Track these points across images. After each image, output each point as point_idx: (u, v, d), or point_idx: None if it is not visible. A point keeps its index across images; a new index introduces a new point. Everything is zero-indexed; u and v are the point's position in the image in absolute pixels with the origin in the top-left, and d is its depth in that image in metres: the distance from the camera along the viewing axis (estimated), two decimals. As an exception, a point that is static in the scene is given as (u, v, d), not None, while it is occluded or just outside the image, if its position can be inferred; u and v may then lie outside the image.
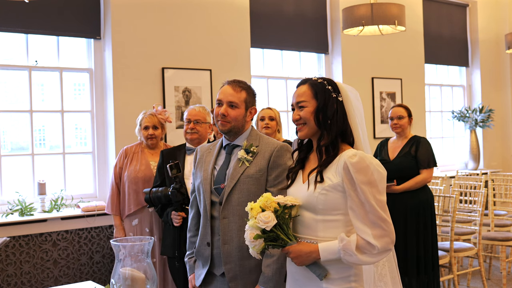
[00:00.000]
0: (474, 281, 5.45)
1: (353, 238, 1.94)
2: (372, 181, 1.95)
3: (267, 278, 2.33)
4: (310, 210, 2.05)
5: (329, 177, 2.02)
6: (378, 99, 6.71)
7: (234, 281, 2.40)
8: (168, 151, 3.68)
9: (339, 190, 2.00)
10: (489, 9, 8.12)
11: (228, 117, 2.43)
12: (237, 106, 2.44)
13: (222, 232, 2.40)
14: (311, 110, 2.08)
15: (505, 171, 7.84)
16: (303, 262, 2.01)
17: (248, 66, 5.59)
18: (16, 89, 4.87)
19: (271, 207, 2.01)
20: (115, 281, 1.95)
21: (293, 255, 2.01)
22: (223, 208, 2.40)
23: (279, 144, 2.46)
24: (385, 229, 1.93)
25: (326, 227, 2.03)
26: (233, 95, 2.45)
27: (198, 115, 3.54)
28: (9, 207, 4.40)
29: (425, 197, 4.26)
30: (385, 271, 2.15)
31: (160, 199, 3.46)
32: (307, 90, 2.11)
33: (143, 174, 3.93)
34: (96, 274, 4.54)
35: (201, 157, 2.58)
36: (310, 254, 1.99)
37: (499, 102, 8.22)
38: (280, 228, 2.01)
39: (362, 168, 1.95)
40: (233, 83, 2.49)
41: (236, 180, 2.40)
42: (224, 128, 2.45)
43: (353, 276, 2.02)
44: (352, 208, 1.96)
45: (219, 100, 2.47)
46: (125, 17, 4.85)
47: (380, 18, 4.52)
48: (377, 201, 1.94)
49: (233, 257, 2.39)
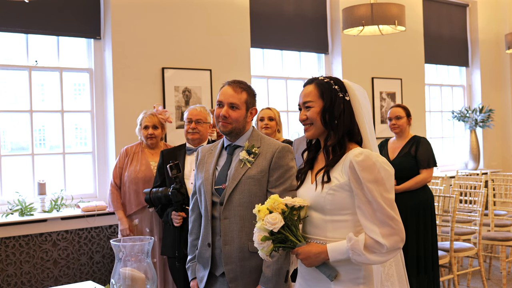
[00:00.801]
0: (474, 281, 5.46)
1: (361, 237, 1.92)
2: (378, 179, 1.93)
3: (267, 279, 2.34)
4: (318, 210, 2.04)
5: (336, 176, 2.00)
6: (378, 99, 6.71)
7: (234, 281, 2.40)
8: (168, 151, 3.68)
9: (346, 189, 1.98)
10: (489, 9, 8.12)
11: (229, 119, 2.43)
12: (238, 107, 2.44)
13: (223, 233, 2.40)
14: (318, 110, 2.06)
15: (505, 171, 7.84)
16: (312, 263, 2.00)
17: (248, 66, 5.59)
18: (16, 89, 4.87)
19: (279, 208, 1.99)
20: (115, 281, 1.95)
21: (302, 256, 2.00)
22: (224, 208, 2.40)
23: (280, 145, 2.45)
24: (394, 228, 1.91)
25: (335, 227, 2.01)
26: (234, 96, 2.44)
27: (199, 115, 3.54)
28: (9, 207, 4.40)
29: (425, 197, 4.26)
30: (392, 271, 2.13)
31: (160, 199, 3.46)
32: (314, 90, 2.09)
33: (143, 174, 3.94)
34: (96, 274, 4.54)
35: (202, 157, 2.57)
36: (319, 255, 1.97)
37: (499, 102, 8.23)
38: (288, 230, 1.99)
39: (368, 166, 1.93)
40: (234, 84, 2.48)
41: (238, 181, 2.39)
42: (225, 129, 2.45)
43: (362, 278, 2.00)
44: (360, 207, 1.95)
45: (219, 101, 2.46)
46: (125, 17, 4.85)
47: (380, 18, 4.52)
48: (385, 199, 1.92)
49: (233, 258, 2.39)
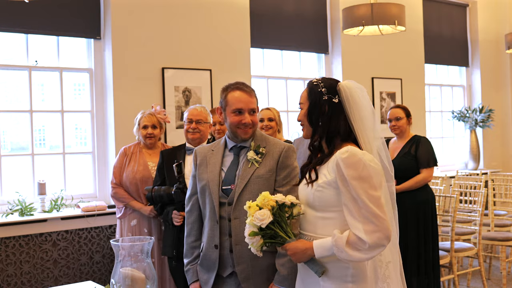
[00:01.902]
0: (474, 281, 5.45)
1: (345, 234, 1.95)
2: (363, 176, 1.95)
3: (282, 277, 2.35)
4: (310, 207, 2.10)
5: (324, 174, 2.06)
6: (378, 99, 6.71)
7: (246, 281, 2.40)
8: (169, 152, 3.68)
9: (334, 187, 2.02)
10: (489, 9, 8.12)
11: (251, 124, 2.47)
12: (256, 111, 2.50)
13: (234, 233, 2.41)
14: (304, 112, 2.15)
15: (505, 171, 7.84)
16: (300, 259, 2.05)
17: (248, 66, 5.59)
18: (16, 89, 4.87)
19: (268, 205, 2.04)
20: (115, 281, 1.95)
21: (290, 252, 2.05)
22: (234, 208, 2.41)
23: (286, 145, 2.50)
24: (377, 225, 1.92)
25: (324, 224, 2.06)
26: (253, 102, 2.48)
27: (200, 115, 3.55)
28: (9, 207, 4.40)
29: (426, 197, 4.26)
30: (388, 272, 2.14)
31: (162, 198, 3.45)
32: (305, 92, 2.18)
33: (141, 175, 3.91)
34: (96, 274, 4.54)
35: (203, 158, 2.56)
36: (305, 251, 2.02)
37: (499, 102, 8.22)
38: (278, 226, 2.04)
39: (352, 163, 1.96)
40: (246, 88, 2.49)
41: (247, 181, 2.41)
42: (247, 136, 2.48)
43: (350, 276, 2.02)
44: (345, 204, 1.98)
45: (239, 109, 2.44)
46: (125, 17, 4.84)
47: (380, 18, 4.52)
48: (369, 197, 1.93)
49: (245, 258, 2.39)
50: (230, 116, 2.47)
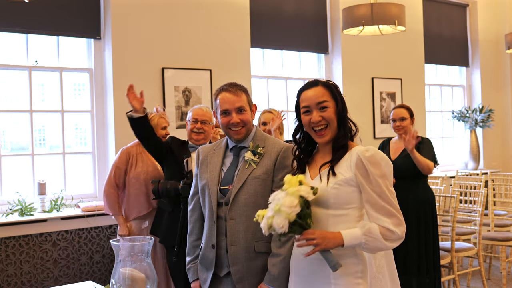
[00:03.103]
0: (474, 281, 5.45)
1: (373, 225, 2.00)
2: (384, 173, 2.03)
3: (273, 277, 2.33)
4: (321, 205, 2.07)
5: (341, 172, 2.05)
6: (378, 99, 6.71)
7: (241, 282, 2.39)
8: (177, 140, 3.69)
9: (351, 184, 2.04)
10: (489, 9, 8.12)
11: (241, 123, 2.45)
12: (244, 109, 2.46)
13: (229, 233, 2.40)
14: (334, 111, 2.10)
15: (505, 171, 7.83)
16: (327, 245, 1.98)
17: (248, 66, 5.59)
18: (16, 89, 4.87)
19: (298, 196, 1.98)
20: (115, 281, 1.95)
21: (318, 236, 1.98)
22: (230, 209, 2.40)
23: (285, 145, 2.47)
24: (400, 219, 2.03)
25: (336, 222, 2.05)
26: (238, 100, 2.45)
27: (205, 115, 3.55)
28: (9, 207, 4.40)
29: (426, 196, 4.25)
30: (382, 263, 2.18)
31: (169, 192, 3.43)
32: (325, 91, 2.11)
33: (151, 175, 3.91)
34: (96, 274, 4.54)
35: (204, 158, 2.56)
36: (335, 238, 1.99)
37: (499, 102, 8.22)
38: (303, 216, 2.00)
39: (376, 162, 2.02)
40: (231, 88, 2.48)
41: (243, 181, 2.40)
42: (240, 136, 2.46)
43: (360, 272, 2.05)
44: (369, 201, 2.02)
45: (225, 110, 2.44)
46: (125, 17, 4.84)
47: (380, 18, 4.52)
48: (391, 193, 2.03)
49: (240, 258, 2.38)
50: (220, 119, 2.48)
